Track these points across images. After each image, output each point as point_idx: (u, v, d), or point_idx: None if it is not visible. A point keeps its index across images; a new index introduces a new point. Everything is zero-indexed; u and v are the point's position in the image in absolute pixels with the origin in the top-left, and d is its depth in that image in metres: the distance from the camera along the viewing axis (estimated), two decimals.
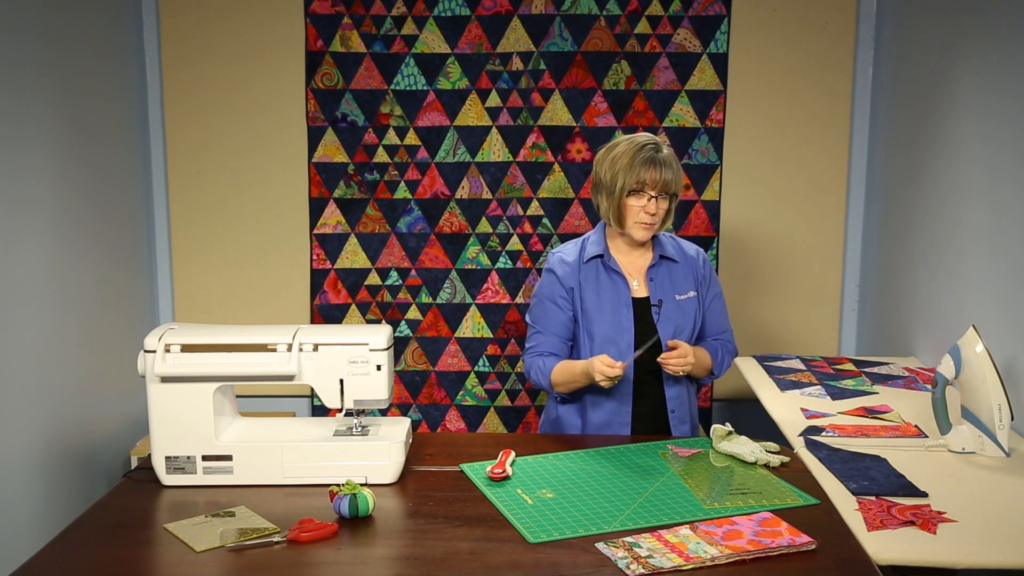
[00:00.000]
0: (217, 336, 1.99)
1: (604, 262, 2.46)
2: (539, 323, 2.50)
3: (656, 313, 2.44)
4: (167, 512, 1.87)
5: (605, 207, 2.44)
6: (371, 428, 2.07)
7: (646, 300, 2.46)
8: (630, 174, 2.35)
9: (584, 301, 2.44)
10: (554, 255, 2.51)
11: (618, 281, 2.45)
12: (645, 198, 2.36)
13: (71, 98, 3.01)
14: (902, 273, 3.27)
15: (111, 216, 3.29)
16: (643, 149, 2.36)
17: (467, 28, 3.54)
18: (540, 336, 2.49)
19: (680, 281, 2.49)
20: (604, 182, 2.41)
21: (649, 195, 2.36)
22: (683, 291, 2.49)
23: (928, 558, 1.68)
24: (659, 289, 2.47)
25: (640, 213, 2.37)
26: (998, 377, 2.12)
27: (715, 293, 2.57)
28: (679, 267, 2.51)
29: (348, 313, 3.71)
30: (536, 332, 2.50)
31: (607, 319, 2.42)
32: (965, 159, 2.79)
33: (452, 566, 1.63)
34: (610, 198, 2.40)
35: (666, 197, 2.39)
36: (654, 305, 2.45)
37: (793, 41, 3.54)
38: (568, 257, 2.48)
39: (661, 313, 2.45)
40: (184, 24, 3.56)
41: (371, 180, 3.63)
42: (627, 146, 2.38)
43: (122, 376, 3.32)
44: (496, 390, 3.73)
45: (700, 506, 1.87)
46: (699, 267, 2.53)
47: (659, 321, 2.44)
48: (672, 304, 2.46)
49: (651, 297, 2.46)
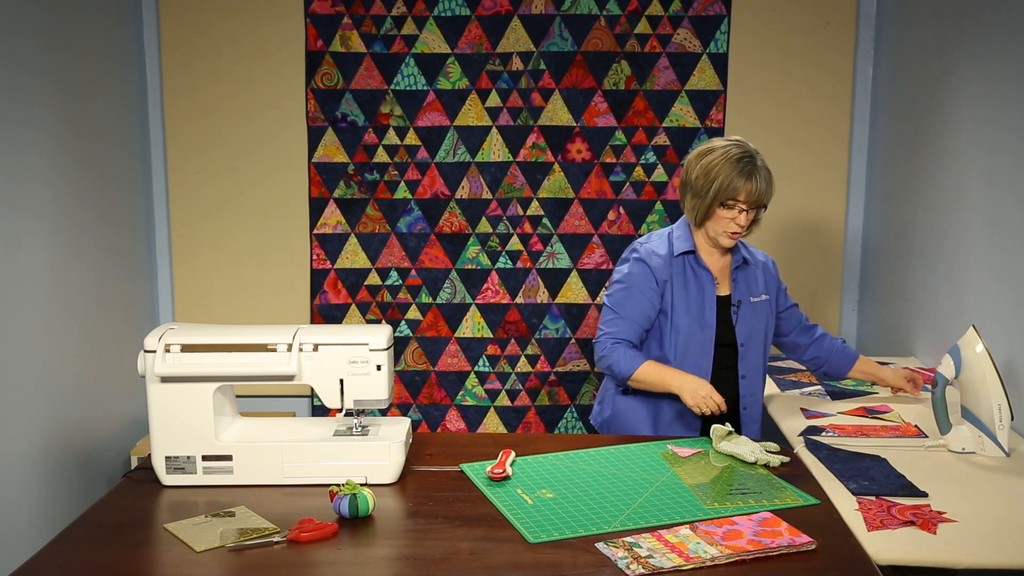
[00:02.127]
0: (217, 336, 1.99)
1: (694, 258, 2.48)
2: (622, 308, 2.46)
3: (735, 314, 2.49)
4: (167, 512, 1.87)
5: (691, 208, 2.45)
6: (371, 428, 2.07)
7: (726, 299, 2.50)
8: (725, 186, 2.35)
9: (673, 296, 2.45)
10: (643, 246, 2.49)
11: (704, 278, 2.48)
12: (736, 210, 2.38)
13: (72, 99, 3.01)
14: (902, 273, 3.27)
15: (111, 216, 3.29)
16: (741, 161, 2.36)
17: (467, 28, 3.54)
18: (621, 322, 2.45)
19: (755, 284, 2.54)
20: (695, 186, 2.42)
21: (741, 208, 2.37)
22: (757, 294, 2.54)
23: (928, 558, 1.68)
24: (739, 290, 2.51)
25: (729, 224, 2.39)
26: (998, 377, 2.12)
27: (784, 292, 2.65)
28: (753, 270, 2.55)
29: (348, 313, 3.71)
30: (617, 317, 2.46)
31: (693, 315, 2.45)
32: (965, 159, 2.79)
33: (452, 566, 1.63)
34: (698, 202, 2.41)
35: (756, 209, 2.40)
36: (733, 305, 2.49)
37: (793, 41, 3.54)
38: (659, 250, 2.48)
39: (739, 314, 2.49)
40: (184, 25, 3.56)
41: (371, 180, 3.63)
42: (723, 155, 2.38)
43: (122, 376, 3.32)
44: (496, 390, 3.73)
45: (700, 506, 1.87)
46: (771, 272, 2.60)
47: (737, 322, 2.49)
48: (748, 306, 2.51)
49: (732, 297, 2.50)
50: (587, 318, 3.69)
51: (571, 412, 3.75)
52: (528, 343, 3.70)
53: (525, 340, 3.70)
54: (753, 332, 2.50)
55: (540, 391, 3.73)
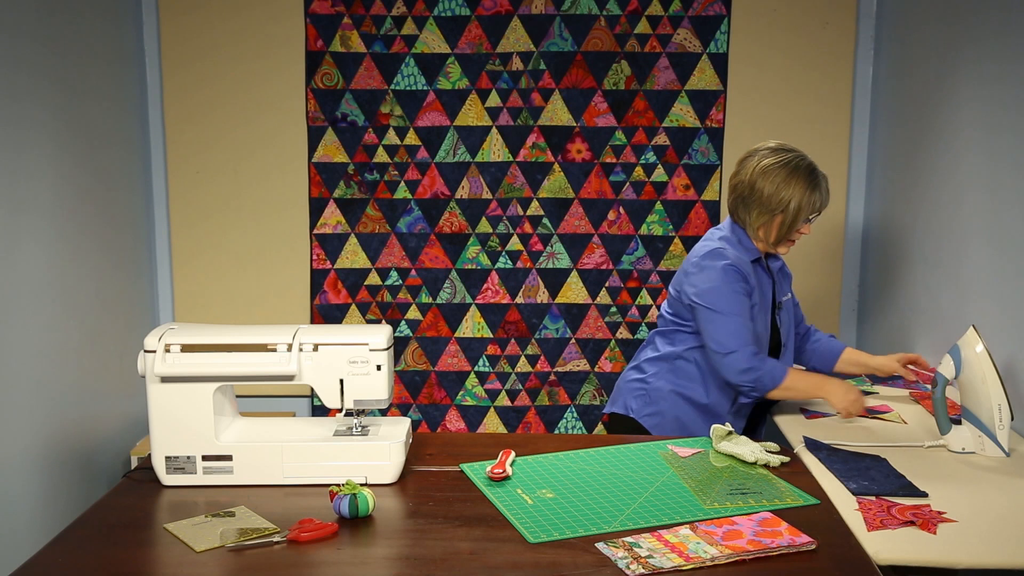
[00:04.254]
0: (217, 336, 1.99)
1: (761, 264, 2.51)
2: (739, 312, 2.40)
3: (779, 315, 2.55)
4: (167, 512, 1.87)
5: (762, 223, 2.45)
6: (371, 428, 2.07)
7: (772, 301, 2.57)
8: (807, 204, 2.39)
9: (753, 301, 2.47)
10: (726, 251, 2.45)
11: (766, 283, 2.52)
12: (810, 221, 2.44)
13: (71, 99, 3.01)
14: (902, 273, 3.27)
15: (111, 217, 3.29)
16: (815, 173, 2.40)
17: (467, 28, 3.54)
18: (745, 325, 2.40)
19: (786, 284, 2.62)
20: (768, 203, 2.42)
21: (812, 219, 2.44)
22: (786, 293, 2.60)
23: (928, 558, 1.68)
24: (780, 291, 2.57)
25: (799, 236, 2.45)
26: (998, 377, 2.12)
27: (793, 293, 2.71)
28: (783, 270, 2.62)
29: (348, 313, 3.71)
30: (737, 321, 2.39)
31: (760, 319, 2.48)
32: (965, 159, 2.79)
33: (452, 566, 1.63)
34: (779, 216, 2.42)
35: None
36: (777, 305, 2.55)
37: (793, 41, 3.54)
38: (743, 255, 2.47)
39: (781, 315, 2.56)
40: (184, 25, 3.56)
41: (371, 180, 3.63)
42: (807, 169, 2.40)
43: (122, 376, 3.32)
44: (496, 390, 3.73)
45: (700, 506, 1.87)
46: (788, 271, 2.65)
47: (781, 323, 2.55)
48: (786, 306, 2.59)
49: (776, 298, 2.56)
50: (587, 318, 3.69)
51: (571, 412, 3.74)
52: (528, 343, 3.70)
53: (525, 340, 3.70)
54: (791, 331, 2.59)
55: (540, 391, 3.73)
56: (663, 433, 2.55)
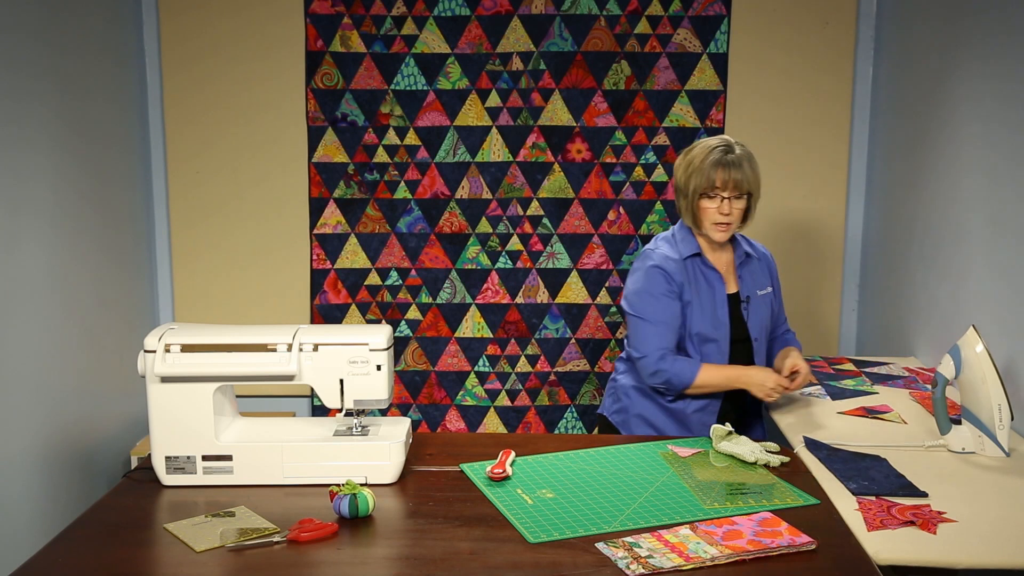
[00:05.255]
0: (217, 336, 1.99)
1: (702, 260, 2.51)
2: (655, 316, 2.45)
3: (745, 309, 2.53)
4: (167, 512, 1.87)
5: (683, 208, 2.50)
6: (371, 428, 2.07)
7: (735, 296, 2.54)
8: (701, 176, 2.41)
9: (689, 299, 2.47)
10: (655, 252, 2.51)
11: (713, 278, 2.51)
12: (718, 200, 2.42)
13: (71, 99, 3.01)
14: (902, 273, 3.26)
15: (111, 216, 3.29)
16: (714, 151, 2.41)
17: (467, 28, 3.54)
18: (659, 330, 2.45)
19: (759, 277, 2.59)
20: (679, 185, 2.48)
21: (722, 196, 2.41)
22: (763, 287, 2.58)
23: (928, 558, 1.68)
24: (746, 285, 2.55)
25: (714, 214, 2.43)
26: (998, 377, 2.12)
27: (779, 288, 2.69)
28: (756, 263, 2.60)
29: (348, 313, 3.71)
30: (651, 325, 2.45)
31: (706, 317, 2.47)
32: (965, 159, 2.79)
33: (452, 566, 1.63)
34: (685, 200, 2.47)
35: (741, 197, 2.43)
36: (743, 301, 2.53)
37: (793, 41, 3.54)
38: (671, 255, 2.50)
39: (749, 308, 2.53)
40: (184, 25, 3.56)
41: (371, 180, 3.63)
42: (701, 149, 2.45)
43: (122, 376, 3.32)
44: (496, 390, 3.73)
45: (700, 506, 1.87)
46: (771, 263, 2.65)
47: (748, 317, 2.53)
48: (756, 300, 2.56)
49: (740, 293, 2.54)
50: (587, 318, 3.69)
51: (571, 412, 3.74)
52: (528, 343, 3.70)
53: (525, 340, 3.70)
54: (763, 326, 2.56)
55: (540, 391, 3.73)
56: (629, 431, 2.58)
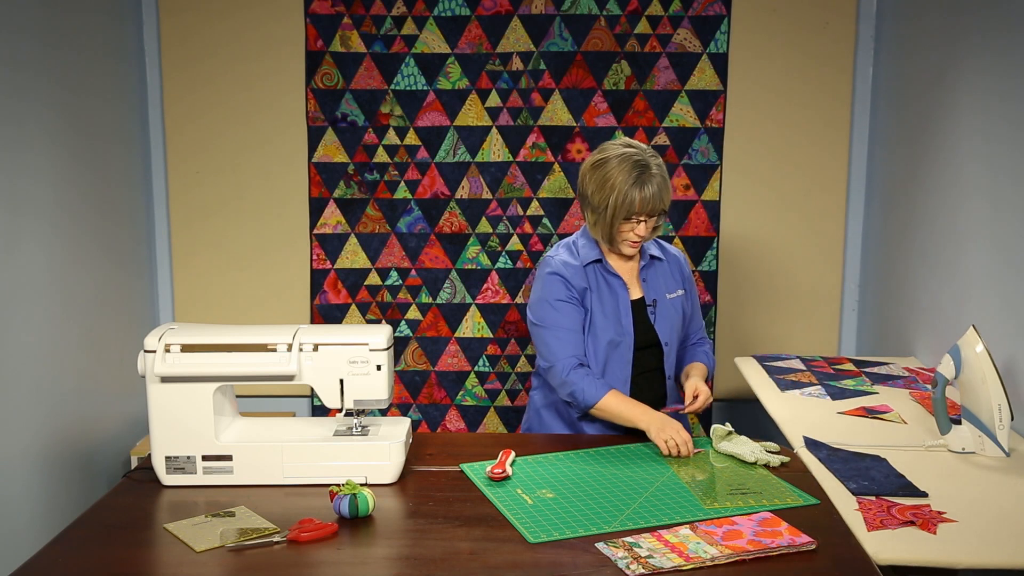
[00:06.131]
0: (217, 336, 1.99)
1: (603, 266, 2.42)
2: (559, 324, 2.37)
3: (652, 313, 2.45)
4: (167, 512, 1.87)
5: (592, 223, 2.39)
6: (371, 428, 2.07)
7: (640, 301, 2.45)
8: (621, 201, 2.27)
9: (591, 305, 2.40)
10: (553, 259, 2.43)
11: (616, 284, 2.42)
12: (635, 222, 2.32)
13: (71, 98, 3.01)
14: (902, 273, 3.27)
15: (111, 216, 3.29)
16: (631, 172, 2.27)
17: (467, 28, 3.54)
18: (566, 338, 2.36)
19: (668, 280, 2.50)
20: (592, 202, 2.35)
21: (639, 219, 2.31)
22: (672, 290, 2.49)
23: (928, 558, 1.68)
24: (652, 289, 2.46)
25: (630, 235, 2.33)
26: (998, 377, 2.12)
27: (695, 291, 2.59)
28: (665, 266, 2.50)
29: (348, 313, 3.71)
30: (556, 334, 2.37)
31: (610, 323, 2.40)
32: (965, 159, 2.79)
33: (452, 566, 1.63)
34: (599, 218, 2.34)
35: (654, 215, 2.33)
36: (649, 305, 2.45)
37: (793, 41, 3.54)
38: (571, 260, 2.42)
39: (656, 313, 2.45)
40: (184, 24, 3.56)
41: (371, 180, 3.63)
42: (616, 167, 2.29)
43: (122, 376, 3.32)
44: (496, 390, 3.73)
45: (700, 506, 1.87)
46: (683, 265, 2.55)
47: (656, 321, 2.45)
48: (665, 303, 2.47)
49: (646, 298, 2.45)
50: None
51: None
52: (528, 343, 3.70)
53: (525, 340, 3.70)
54: (674, 330, 2.47)
55: None
56: None
